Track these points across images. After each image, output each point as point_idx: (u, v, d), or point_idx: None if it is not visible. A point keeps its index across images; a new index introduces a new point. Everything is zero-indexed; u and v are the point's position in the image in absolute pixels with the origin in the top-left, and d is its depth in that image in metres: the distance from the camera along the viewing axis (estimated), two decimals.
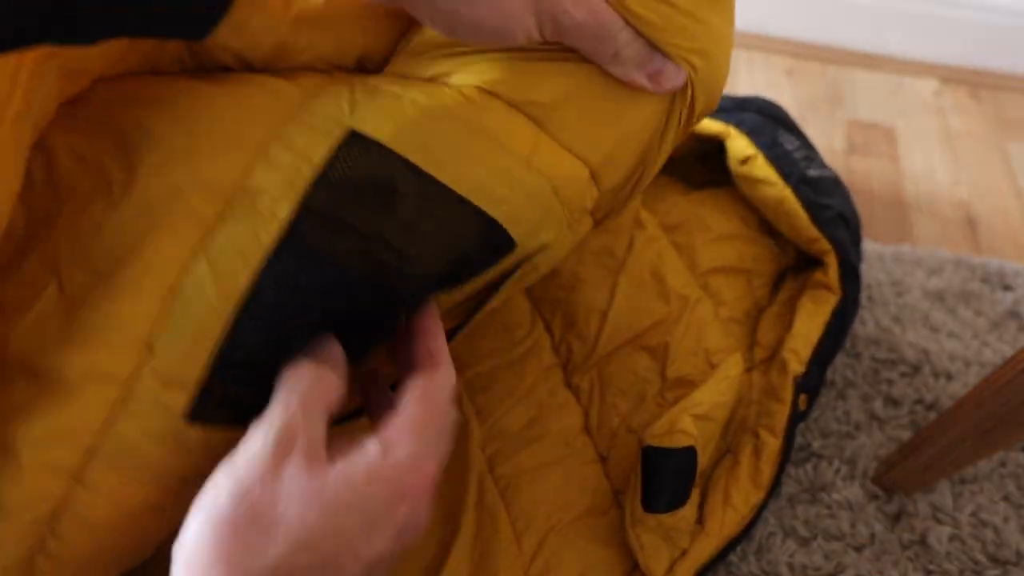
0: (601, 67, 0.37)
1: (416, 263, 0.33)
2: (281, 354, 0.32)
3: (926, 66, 1.16)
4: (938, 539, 0.60)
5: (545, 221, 0.37)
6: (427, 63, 0.36)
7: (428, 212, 0.33)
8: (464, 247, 0.35)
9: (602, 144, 0.38)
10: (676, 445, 0.52)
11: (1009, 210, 0.94)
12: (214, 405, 0.32)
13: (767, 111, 0.80)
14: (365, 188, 0.32)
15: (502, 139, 0.35)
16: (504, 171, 0.35)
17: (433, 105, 0.33)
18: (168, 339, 0.31)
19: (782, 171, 0.71)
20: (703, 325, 0.65)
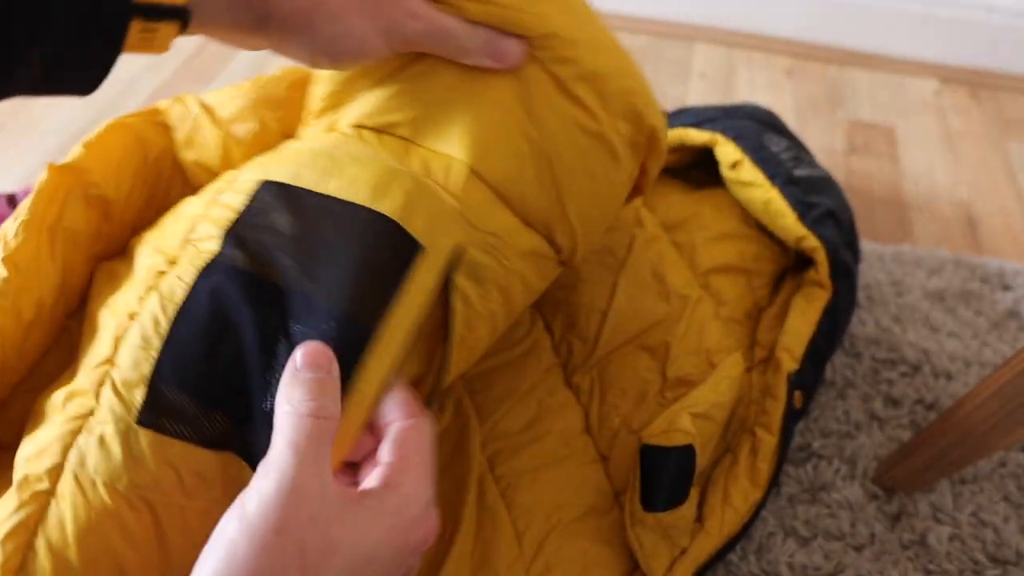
0: (451, 63, 0.43)
1: (319, 265, 0.38)
2: (207, 360, 0.37)
3: (926, 66, 1.16)
4: (938, 539, 0.60)
5: (439, 218, 0.41)
6: (322, 121, 0.47)
7: (323, 220, 0.39)
8: (364, 251, 0.39)
9: (465, 137, 0.44)
10: (674, 444, 0.52)
11: (1009, 210, 0.95)
12: (160, 414, 0.37)
13: (755, 116, 0.81)
14: (270, 214, 0.40)
15: (373, 154, 0.42)
16: (378, 172, 0.41)
17: (316, 148, 0.43)
18: (124, 349, 0.38)
19: (768, 173, 0.72)
20: (704, 325, 0.65)
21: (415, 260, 0.39)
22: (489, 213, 0.45)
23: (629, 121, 0.49)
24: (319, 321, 0.37)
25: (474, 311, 0.44)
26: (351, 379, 0.37)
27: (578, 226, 0.49)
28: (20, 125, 0.97)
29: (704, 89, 1.11)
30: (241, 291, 0.37)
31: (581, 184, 0.48)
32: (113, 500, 0.36)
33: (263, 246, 0.39)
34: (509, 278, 0.46)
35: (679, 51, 1.18)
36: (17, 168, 0.91)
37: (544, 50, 0.45)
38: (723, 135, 0.75)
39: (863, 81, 1.14)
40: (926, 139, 1.04)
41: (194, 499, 0.37)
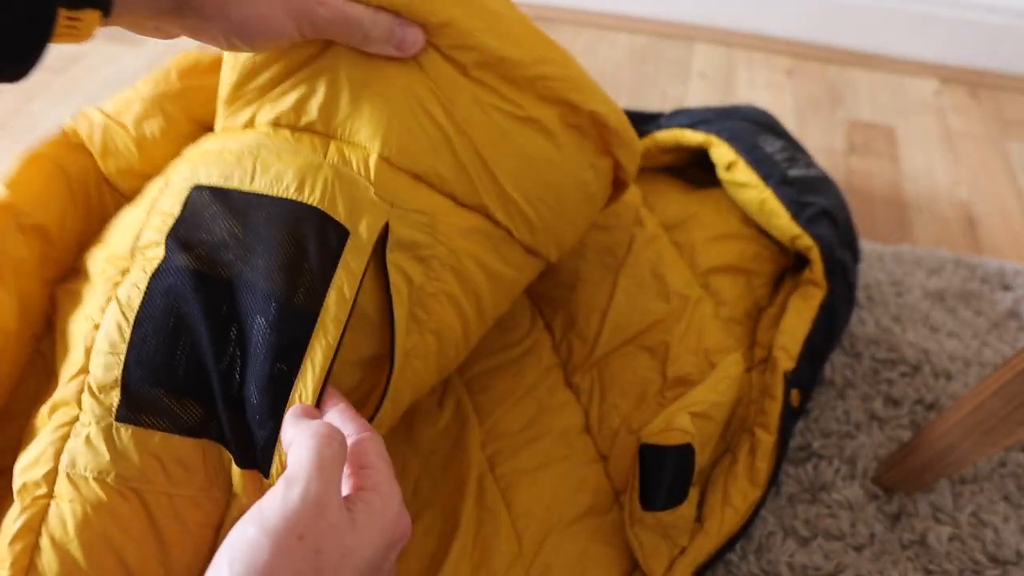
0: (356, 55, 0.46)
1: (257, 256, 0.41)
2: (169, 354, 0.40)
3: (926, 66, 1.16)
4: (938, 539, 0.60)
5: (360, 203, 0.44)
6: (240, 114, 0.49)
7: (254, 215, 0.43)
8: (294, 239, 0.42)
9: (373, 125, 0.46)
10: (673, 443, 0.52)
11: (1009, 210, 0.95)
12: (136, 410, 0.40)
13: (751, 117, 0.81)
14: (206, 215, 0.43)
15: (293, 150, 0.45)
16: (300, 166, 0.44)
17: (240, 147, 0.46)
18: (95, 356, 0.41)
19: (762, 173, 0.73)
20: (704, 324, 0.65)
21: (344, 245, 0.42)
22: (412, 195, 0.47)
23: (556, 105, 0.51)
24: (263, 306, 0.40)
25: (424, 291, 0.46)
26: (301, 359, 0.40)
27: (529, 209, 0.51)
28: (20, 125, 0.97)
29: (704, 89, 1.11)
30: (191, 288, 0.41)
31: (515, 165, 0.50)
32: (106, 493, 0.39)
33: (203, 244, 0.42)
34: (458, 258, 0.48)
35: (679, 51, 1.18)
36: None
37: (441, 37, 0.47)
38: (718, 137, 0.76)
39: (863, 81, 1.14)
40: (926, 139, 1.04)
41: (180, 487, 0.40)
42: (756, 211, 0.74)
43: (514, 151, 0.50)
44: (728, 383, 0.58)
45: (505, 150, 0.50)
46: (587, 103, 0.52)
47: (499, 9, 0.51)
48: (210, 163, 0.45)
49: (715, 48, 1.19)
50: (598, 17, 1.22)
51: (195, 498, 0.41)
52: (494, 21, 0.50)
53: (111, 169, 0.53)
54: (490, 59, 0.48)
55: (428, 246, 0.46)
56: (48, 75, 1.05)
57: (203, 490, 0.41)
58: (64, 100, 1.01)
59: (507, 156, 0.50)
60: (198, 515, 0.41)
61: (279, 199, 0.43)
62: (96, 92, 1.03)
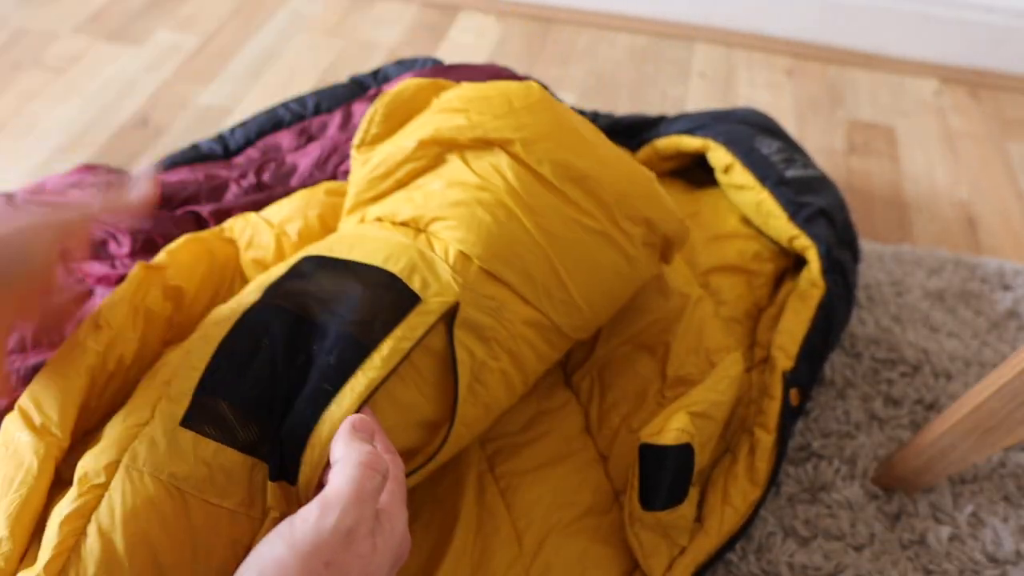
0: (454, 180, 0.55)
1: (339, 304, 0.48)
2: (240, 375, 0.45)
3: (926, 66, 1.16)
4: (938, 539, 0.60)
5: (436, 280, 0.50)
6: (354, 215, 0.59)
7: (344, 275, 0.50)
8: (372, 295, 0.48)
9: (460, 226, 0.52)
10: (673, 443, 0.52)
11: (1009, 210, 0.95)
12: (200, 419, 0.44)
13: (748, 119, 0.82)
14: (304, 275, 0.51)
15: (389, 235, 0.53)
16: (391, 245, 0.52)
17: (348, 232, 0.55)
18: (179, 370, 0.46)
19: (759, 175, 0.73)
20: (703, 324, 0.65)
21: (412, 307, 0.48)
22: (485, 284, 0.52)
23: (639, 225, 0.56)
24: (331, 343, 0.46)
25: (482, 365, 0.51)
26: (352, 376, 0.45)
27: (588, 312, 0.56)
28: (20, 125, 0.97)
29: (704, 89, 1.11)
30: (275, 321, 0.47)
31: (586, 276, 0.55)
32: (155, 488, 0.42)
33: (294, 293, 0.49)
34: (516, 342, 0.53)
35: (679, 51, 1.18)
36: (17, 168, 0.91)
37: (531, 153, 0.54)
38: (715, 140, 0.77)
39: (863, 81, 1.14)
40: (926, 139, 1.04)
41: (222, 499, 0.43)
42: (754, 212, 0.74)
43: (587, 262, 0.55)
44: (728, 383, 0.58)
45: (579, 261, 0.54)
46: (662, 224, 0.58)
47: (582, 129, 0.57)
48: (320, 243, 0.54)
49: (715, 48, 1.19)
50: (598, 17, 1.22)
51: (234, 513, 0.43)
52: (579, 139, 0.56)
53: (247, 258, 0.60)
54: (575, 175, 0.54)
55: (492, 328, 0.51)
56: (48, 75, 1.05)
57: (242, 506, 0.43)
58: (64, 100, 1.01)
59: (580, 267, 0.54)
60: (234, 530, 0.43)
61: (368, 265, 0.50)
62: (96, 92, 1.03)
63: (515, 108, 0.55)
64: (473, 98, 0.56)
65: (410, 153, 0.56)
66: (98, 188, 0.70)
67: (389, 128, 0.59)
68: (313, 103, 0.84)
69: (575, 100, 1.07)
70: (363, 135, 0.59)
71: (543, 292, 0.53)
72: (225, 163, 0.79)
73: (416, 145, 0.55)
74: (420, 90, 0.60)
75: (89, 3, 1.19)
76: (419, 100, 0.60)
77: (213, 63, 1.09)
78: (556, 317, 0.54)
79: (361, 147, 0.59)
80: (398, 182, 0.57)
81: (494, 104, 0.56)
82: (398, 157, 0.56)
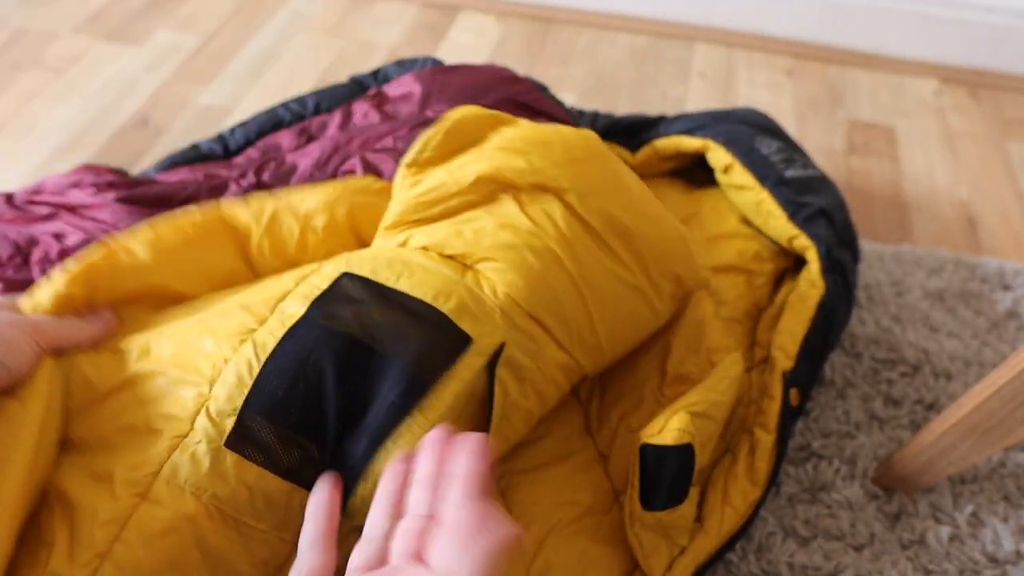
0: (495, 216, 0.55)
1: (399, 338, 0.48)
2: (288, 395, 0.45)
3: (926, 66, 1.16)
4: (938, 539, 0.60)
5: (485, 321, 0.51)
6: (397, 235, 0.57)
7: (393, 305, 0.50)
8: (428, 335, 0.49)
9: (506, 267, 0.53)
10: (673, 443, 0.52)
11: (1009, 210, 0.95)
12: (244, 441, 0.44)
13: (748, 119, 0.82)
14: (352, 296, 0.50)
15: (436, 268, 0.53)
16: (440, 280, 0.52)
17: (392, 255, 0.54)
18: (220, 385, 0.46)
19: (758, 175, 0.73)
20: (703, 324, 0.65)
21: (465, 348, 0.49)
22: (527, 325, 0.53)
23: (669, 281, 0.58)
24: (396, 379, 0.47)
25: (512, 404, 0.52)
26: (409, 415, 0.46)
27: (609, 353, 0.57)
28: (20, 125, 0.97)
29: (704, 89, 1.11)
30: (329, 344, 0.47)
31: (615, 326, 0.56)
32: (195, 506, 0.43)
33: (349, 316, 0.48)
34: (545, 384, 0.54)
35: (679, 51, 1.18)
36: (17, 168, 0.91)
37: (583, 204, 0.55)
38: (714, 141, 0.77)
39: (863, 81, 1.14)
40: (926, 139, 1.05)
41: (259, 521, 0.44)
42: (754, 212, 0.74)
43: (618, 313, 0.56)
44: (728, 383, 0.58)
45: (611, 311, 0.56)
46: (689, 281, 0.60)
47: (632, 185, 0.59)
48: (363, 261, 0.53)
49: (715, 48, 1.19)
50: (598, 17, 1.22)
51: (266, 534, 0.45)
52: (629, 195, 0.57)
53: (264, 245, 0.59)
54: (622, 230, 0.55)
55: (528, 369, 0.52)
56: (48, 75, 1.05)
57: (276, 528, 0.45)
58: (64, 100, 1.01)
59: (611, 317, 0.56)
60: (263, 551, 0.45)
61: (418, 300, 0.50)
62: (96, 92, 1.03)
63: (575, 158, 0.57)
64: (535, 142, 0.57)
65: (466, 187, 0.56)
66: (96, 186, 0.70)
67: (443, 154, 0.59)
68: (313, 103, 0.84)
69: (575, 100, 1.07)
70: (416, 156, 0.58)
71: (576, 338, 0.55)
72: (225, 163, 0.79)
73: (474, 180, 0.56)
74: (480, 119, 0.60)
75: (89, 3, 1.19)
76: (478, 129, 0.60)
77: (213, 63, 1.09)
78: (583, 361, 0.56)
79: (411, 167, 0.59)
80: (447, 211, 0.57)
81: (555, 151, 0.57)
82: (452, 189, 0.56)
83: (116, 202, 0.69)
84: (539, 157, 0.56)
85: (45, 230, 0.68)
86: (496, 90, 0.80)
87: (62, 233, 0.68)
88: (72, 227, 0.68)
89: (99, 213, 0.69)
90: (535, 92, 0.82)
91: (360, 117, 0.81)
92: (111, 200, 0.69)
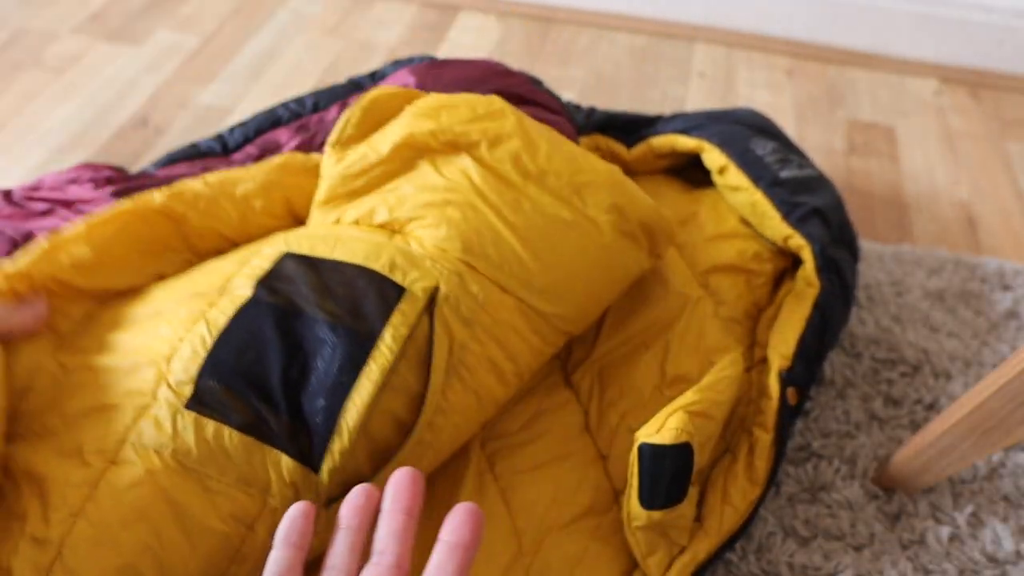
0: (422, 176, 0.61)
1: (330, 300, 0.52)
2: (237, 360, 0.49)
3: (926, 66, 1.16)
4: (937, 539, 0.60)
5: (416, 270, 0.54)
6: (329, 214, 0.62)
7: (330, 274, 0.54)
8: (361, 291, 0.52)
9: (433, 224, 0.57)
10: (671, 442, 0.52)
11: (1009, 210, 0.95)
12: (201, 403, 0.48)
13: (744, 120, 0.82)
14: (291, 273, 0.54)
15: (367, 236, 0.57)
16: (370, 245, 0.55)
17: (325, 232, 0.58)
18: (176, 360, 0.50)
19: (753, 176, 0.74)
20: (703, 323, 0.65)
21: (399, 296, 0.52)
22: (463, 272, 0.55)
23: (608, 212, 0.59)
24: (331, 336, 0.50)
25: (466, 349, 0.53)
26: (359, 373, 0.49)
27: (568, 297, 0.58)
28: (20, 125, 0.97)
29: (704, 89, 1.11)
30: (271, 317, 0.51)
31: (558, 261, 0.58)
32: (161, 463, 0.47)
33: (287, 291, 0.53)
34: (501, 329, 0.55)
35: (679, 51, 1.18)
36: (17, 168, 0.91)
37: (494, 152, 0.59)
38: (709, 142, 0.77)
39: (863, 81, 1.14)
40: (926, 139, 1.04)
41: (221, 475, 0.47)
42: (749, 213, 0.74)
43: (556, 249, 0.58)
44: (727, 382, 0.58)
45: (548, 249, 0.57)
46: (633, 209, 0.60)
47: (540, 131, 0.62)
48: (300, 240, 0.57)
49: (715, 48, 1.19)
50: (598, 17, 1.22)
51: (229, 491, 0.47)
52: (537, 139, 0.60)
53: (203, 225, 0.62)
54: (534, 171, 0.59)
55: (473, 311, 0.54)
56: (48, 75, 1.05)
57: (239, 484, 0.47)
58: (64, 100, 1.01)
59: (550, 254, 0.57)
60: (230, 506, 0.47)
61: (351, 264, 0.54)
62: (96, 92, 1.03)
63: (480, 115, 0.61)
64: (443, 105, 0.62)
65: (385, 156, 0.60)
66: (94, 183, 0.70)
67: (363, 131, 0.63)
68: (312, 102, 0.84)
69: (575, 99, 1.07)
70: (338, 135, 0.62)
71: (519, 281, 0.57)
72: (224, 159, 0.79)
73: (390, 149, 0.60)
74: (394, 97, 0.64)
75: (89, 3, 1.19)
76: (393, 106, 0.64)
77: (213, 63, 1.09)
78: (537, 304, 0.57)
79: (336, 146, 0.63)
80: (371, 183, 0.61)
81: (461, 111, 0.61)
82: (372, 159, 0.60)
83: (113, 196, 0.69)
84: (447, 117, 0.60)
85: (42, 226, 0.68)
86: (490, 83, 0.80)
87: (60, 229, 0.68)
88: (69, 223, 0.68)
89: (96, 208, 0.69)
90: (528, 85, 0.82)
91: None
92: (108, 195, 0.69)
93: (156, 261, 0.61)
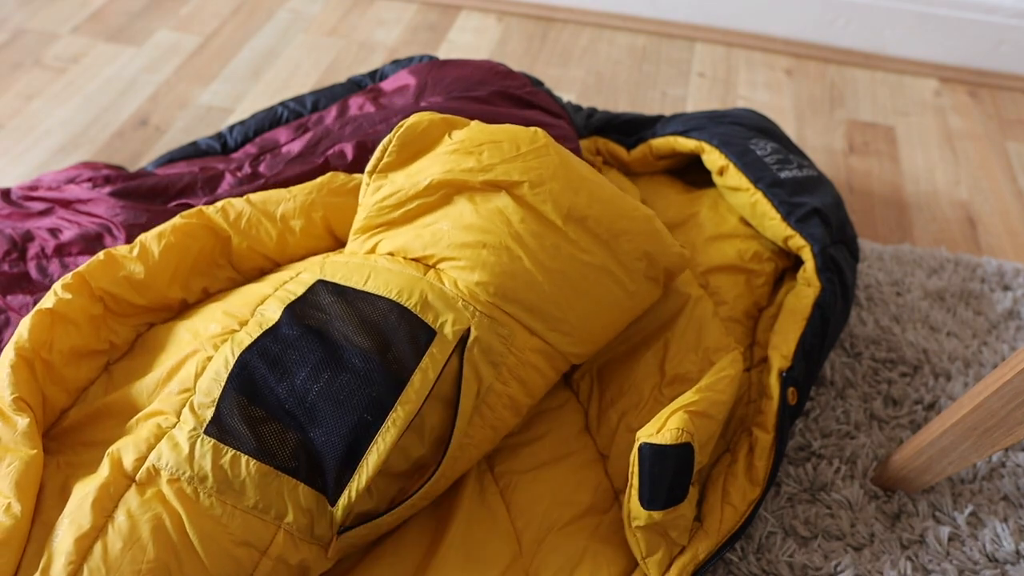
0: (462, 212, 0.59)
1: (360, 330, 0.53)
2: (254, 383, 0.51)
3: (926, 66, 1.16)
4: (937, 539, 0.60)
5: (448, 312, 0.54)
6: (365, 243, 0.62)
7: (361, 304, 0.54)
8: (393, 328, 0.53)
9: (468, 262, 0.57)
10: (672, 442, 0.52)
11: (1009, 210, 0.95)
12: (220, 428, 0.49)
13: (744, 120, 0.82)
14: (323, 301, 0.55)
15: (401, 270, 0.57)
16: (403, 279, 0.56)
17: (360, 262, 0.59)
18: (202, 380, 0.51)
19: (752, 176, 0.74)
20: (703, 323, 0.65)
21: (431, 339, 0.53)
22: (495, 314, 0.56)
23: (640, 260, 0.60)
24: (365, 365, 0.51)
25: (489, 388, 0.54)
26: (385, 416, 0.50)
27: (587, 337, 0.59)
28: (20, 125, 0.97)
29: (704, 89, 1.11)
30: (295, 341, 0.52)
31: (586, 306, 0.58)
32: (177, 487, 0.48)
33: (316, 317, 0.53)
34: (525, 369, 0.56)
35: (679, 51, 1.18)
36: (17, 168, 0.91)
37: (536, 195, 0.57)
38: (708, 143, 0.77)
39: (863, 81, 1.14)
40: (926, 139, 1.04)
41: (236, 500, 0.48)
42: (749, 213, 0.74)
43: (587, 296, 0.58)
44: (727, 382, 0.58)
45: (579, 295, 0.58)
46: (663, 257, 0.61)
47: (585, 172, 0.61)
48: (336, 268, 0.57)
49: (715, 48, 1.19)
50: (598, 17, 1.22)
51: (246, 516, 0.48)
52: (581, 181, 0.59)
53: (243, 246, 0.63)
54: (576, 215, 0.58)
55: (502, 354, 0.55)
56: (48, 75, 1.05)
57: (254, 510, 0.48)
58: (64, 100, 1.01)
59: (580, 300, 0.58)
60: (246, 531, 0.48)
61: (383, 297, 0.54)
62: (96, 92, 1.03)
63: (523, 152, 0.59)
64: (484, 142, 0.60)
65: (422, 191, 0.59)
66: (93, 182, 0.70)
67: (402, 158, 0.62)
68: (311, 102, 0.84)
69: (575, 99, 1.07)
70: (376, 162, 0.61)
71: (547, 326, 0.57)
72: (223, 158, 0.79)
73: (428, 185, 0.59)
74: (433, 124, 0.62)
75: (89, 3, 1.19)
76: (432, 134, 0.62)
77: (213, 63, 1.09)
78: (561, 346, 0.58)
79: (374, 173, 0.62)
80: (407, 215, 0.60)
81: (504, 148, 0.59)
82: (410, 193, 0.59)
83: (110, 195, 0.69)
84: (488, 155, 0.59)
85: (40, 225, 0.68)
86: (489, 83, 0.80)
87: (57, 228, 0.68)
88: (67, 222, 0.68)
89: (94, 208, 0.69)
90: (528, 86, 0.82)
91: (356, 109, 0.81)
92: (106, 194, 0.69)
93: (202, 277, 0.62)
